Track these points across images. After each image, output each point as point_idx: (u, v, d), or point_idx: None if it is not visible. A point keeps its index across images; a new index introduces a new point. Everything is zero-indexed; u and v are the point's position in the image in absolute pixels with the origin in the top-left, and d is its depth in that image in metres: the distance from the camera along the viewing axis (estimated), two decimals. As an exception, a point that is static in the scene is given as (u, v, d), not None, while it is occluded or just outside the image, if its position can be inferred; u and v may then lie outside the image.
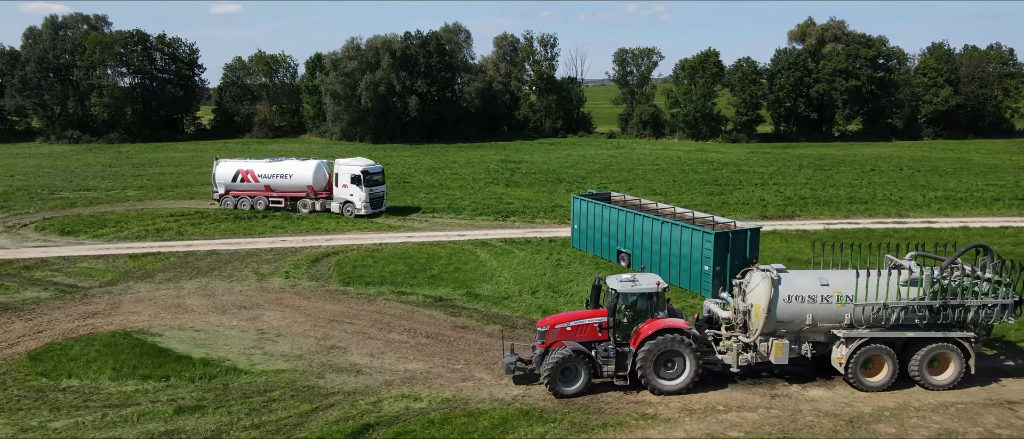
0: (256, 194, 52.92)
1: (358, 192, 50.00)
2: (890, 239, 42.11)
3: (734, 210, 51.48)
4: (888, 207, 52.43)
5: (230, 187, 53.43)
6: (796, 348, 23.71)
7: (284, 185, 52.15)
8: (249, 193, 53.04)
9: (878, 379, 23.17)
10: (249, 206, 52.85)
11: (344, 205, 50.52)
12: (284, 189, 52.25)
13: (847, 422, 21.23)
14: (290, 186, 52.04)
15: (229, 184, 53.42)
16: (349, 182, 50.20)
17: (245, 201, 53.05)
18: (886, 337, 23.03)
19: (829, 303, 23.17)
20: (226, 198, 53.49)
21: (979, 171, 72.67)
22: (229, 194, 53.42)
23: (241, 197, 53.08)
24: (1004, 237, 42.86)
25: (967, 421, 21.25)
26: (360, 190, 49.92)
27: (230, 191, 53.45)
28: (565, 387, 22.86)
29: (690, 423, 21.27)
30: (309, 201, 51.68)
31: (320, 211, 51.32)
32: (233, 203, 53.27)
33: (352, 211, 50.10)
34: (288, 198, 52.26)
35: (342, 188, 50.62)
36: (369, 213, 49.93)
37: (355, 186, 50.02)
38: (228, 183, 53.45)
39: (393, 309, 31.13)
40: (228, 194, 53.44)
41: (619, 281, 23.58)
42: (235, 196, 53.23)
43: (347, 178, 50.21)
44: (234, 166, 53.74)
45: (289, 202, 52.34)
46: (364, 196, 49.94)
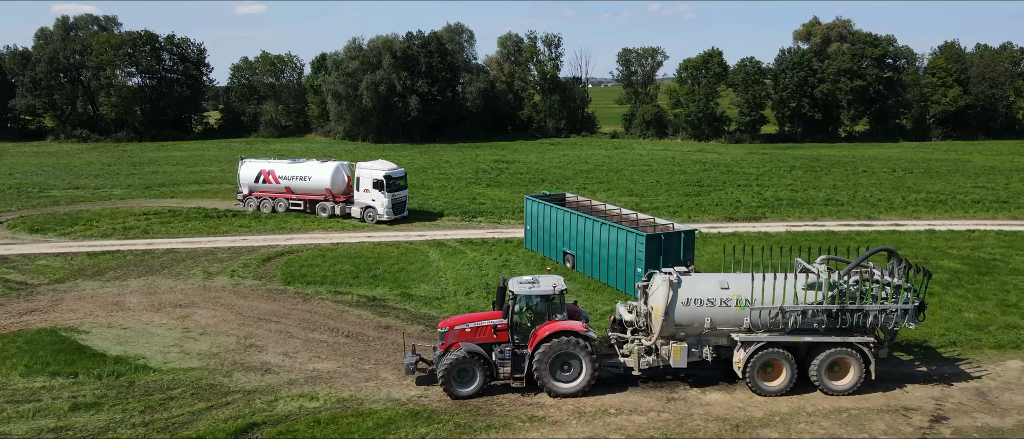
0: (277, 196, 51.79)
1: (380, 197, 48.27)
2: (851, 242, 41.82)
3: (704, 211, 51.28)
4: (862, 209, 51.95)
5: (253, 188, 52.37)
6: (696, 351, 23.61)
7: (303, 187, 50.97)
8: (271, 194, 51.93)
9: (776, 384, 23.03)
10: (271, 208, 51.85)
11: (365, 210, 48.88)
12: (303, 191, 51.07)
13: (734, 426, 21.13)
14: (309, 189, 50.85)
15: (252, 184, 52.38)
16: (371, 187, 48.42)
17: (267, 202, 51.99)
18: (784, 341, 22.89)
19: (728, 307, 23.07)
20: (249, 199, 52.61)
21: (974, 173, 71.71)
22: (252, 195, 52.48)
23: (263, 198, 52.07)
24: (968, 241, 42.38)
25: (855, 427, 21.08)
26: (383, 195, 48.17)
27: (253, 192, 52.43)
28: (461, 388, 22.94)
29: (576, 426, 21.27)
30: (328, 204, 50.26)
31: (339, 216, 50.03)
32: (255, 204, 52.32)
33: (374, 217, 48.38)
34: (307, 201, 51.14)
35: (363, 193, 48.89)
36: (391, 219, 48.30)
37: (377, 191, 48.28)
38: (251, 184, 52.40)
39: (325, 309, 31.34)
40: (251, 195, 52.51)
41: (518, 283, 23.62)
42: (258, 197, 52.27)
43: (369, 182, 48.47)
44: (257, 166, 52.61)
45: (308, 205, 51.17)
46: (387, 202, 48.17)
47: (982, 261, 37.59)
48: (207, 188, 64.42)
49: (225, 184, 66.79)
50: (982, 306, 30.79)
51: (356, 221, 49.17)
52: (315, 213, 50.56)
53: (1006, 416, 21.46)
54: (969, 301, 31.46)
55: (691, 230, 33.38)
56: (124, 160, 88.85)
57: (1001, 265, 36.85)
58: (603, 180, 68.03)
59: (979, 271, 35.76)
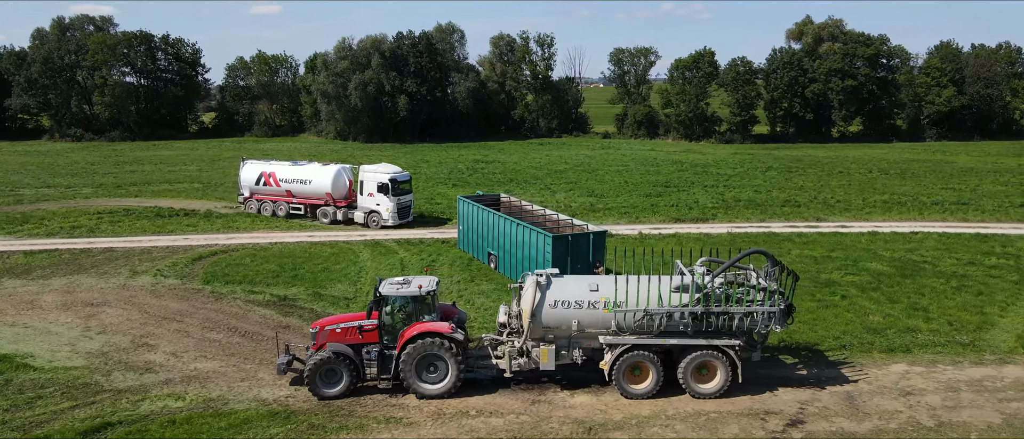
0: (278, 199, 50.02)
1: (385, 201, 46.48)
2: (788, 244, 41.68)
3: (656, 212, 51.15)
4: (817, 211, 51.52)
5: (254, 190, 50.70)
6: (566, 354, 23.52)
7: (304, 191, 49.22)
8: (271, 197, 50.21)
9: (643, 386, 22.92)
10: (271, 211, 50.27)
11: (369, 215, 47.13)
12: (304, 195, 49.28)
13: (587, 429, 21.06)
14: (309, 192, 49.11)
15: (253, 187, 50.67)
16: (375, 190, 46.58)
17: (268, 206, 50.33)
18: (650, 344, 22.76)
19: (596, 309, 22.97)
20: (250, 202, 51.00)
21: (950, 174, 71.01)
22: (253, 198, 50.85)
23: (264, 201, 50.40)
24: (908, 243, 42.06)
25: (709, 430, 20.96)
26: (388, 199, 46.46)
27: (254, 194, 50.78)
28: (327, 389, 22.98)
29: (431, 427, 21.27)
30: (329, 209, 48.52)
31: (342, 221, 48.28)
32: (256, 207, 50.75)
33: (378, 222, 46.81)
34: (308, 205, 49.29)
35: (367, 197, 47.13)
36: (396, 223, 46.69)
37: (382, 195, 46.51)
38: (252, 186, 50.69)
39: (232, 308, 31.48)
40: (252, 198, 50.89)
41: (388, 284, 23.65)
42: (259, 200, 50.63)
43: (373, 186, 46.64)
44: (258, 168, 50.82)
45: (309, 210, 49.33)
46: (392, 206, 46.42)
47: (910, 263, 37.22)
48: (177, 187, 64.87)
49: (195, 183, 67.29)
50: (890, 309, 30.49)
51: (360, 226, 47.53)
52: (316, 218, 49.00)
53: (865, 421, 21.24)
54: (879, 304, 31.16)
55: (601, 232, 33.26)
56: (109, 159, 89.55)
57: (928, 267, 36.47)
58: (572, 180, 67.89)
59: (903, 274, 35.41)
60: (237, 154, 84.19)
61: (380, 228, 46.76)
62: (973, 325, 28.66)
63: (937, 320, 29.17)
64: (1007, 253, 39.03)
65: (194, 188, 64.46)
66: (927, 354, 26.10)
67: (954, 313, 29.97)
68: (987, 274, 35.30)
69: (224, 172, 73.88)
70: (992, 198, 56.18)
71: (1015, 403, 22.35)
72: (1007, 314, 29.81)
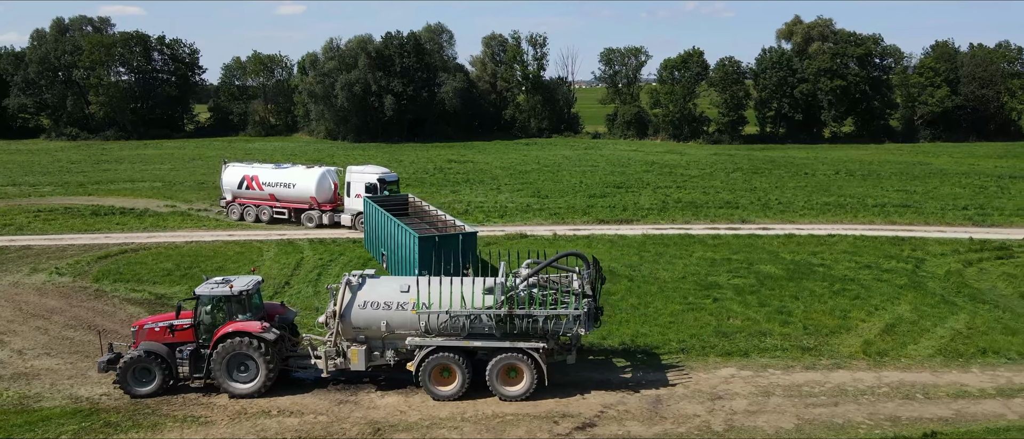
0: (261, 203, 48.35)
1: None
2: (700, 246, 41.46)
3: (586, 214, 51.04)
4: (754, 212, 51.13)
5: (236, 194, 49.07)
6: (378, 354, 23.59)
7: (287, 195, 47.68)
8: (254, 201, 48.59)
9: (450, 388, 22.94)
10: (254, 216, 48.65)
11: (356, 217, 44.98)
12: (288, 199, 47.69)
13: (376, 430, 21.13)
14: (293, 196, 47.56)
15: (235, 190, 49.07)
16: (363, 192, 44.63)
17: (251, 210, 48.74)
18: (455, 346, 22.77)
19: (405, 310, 23.03)
20: (232, 206, 49.31)
21: (918, 176, 70.05)
22: (235, 202, 49.22)
23: (247, 205, 48.77)
24: (819, 245, 41.55)
25: (496, 432, 20.97)
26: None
27: (237, 198, 49.16)
28: (139, 388, 23.22)
29: (225, 427, 21.45)
30: (314, 213, 46.93)
31: (328, 225, 46.78)
32: (239, 212, 49.08)
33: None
34: (292, 209, 47.72)
35: (355, 198, 45.29)
36: None
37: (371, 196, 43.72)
38: (235, 189, 49.07)
39: (106, 307, 31.90)
40: (235, 202, 49.26)
41: (205, 284, 23.87)
42: (241, 204, 48.93)
43: (361, 187, 45.07)
44: (240, 171, 49.13)
45: (293, 214, 47.72)
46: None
47: (804, 266, 36.83)
48: (139, 186, 65.74)
49: (157, 183, 68.06)
50: (755, 313, 30.20)
51: (347, 229, 46.19)
52: (300, 223, 47.42)
53: (657, 425, 21.12)
54: (748, 307, 30.86)
55: (471, 232, 33.30)
56: (92, 158, 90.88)
57: (821, 271, 36.06)
58: (529, 181, 67.87)
59: (791, 277, 35.04)
60: (225, 154, 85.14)
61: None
62: (828, 329, 28.30)
63: (795, 324, 28.83)
64: (912, 257, 38.47)
65: (154, 187, 65.23)
66: (764, 358, 25.82)
67: (817, 317, 29.61)
68: (876, 278, 34.81)
69: (193, 172, 74.82)
70: (940, 200, 55.35)
71: (820, 408, 22.07)
72: (871, 319, 29.41)
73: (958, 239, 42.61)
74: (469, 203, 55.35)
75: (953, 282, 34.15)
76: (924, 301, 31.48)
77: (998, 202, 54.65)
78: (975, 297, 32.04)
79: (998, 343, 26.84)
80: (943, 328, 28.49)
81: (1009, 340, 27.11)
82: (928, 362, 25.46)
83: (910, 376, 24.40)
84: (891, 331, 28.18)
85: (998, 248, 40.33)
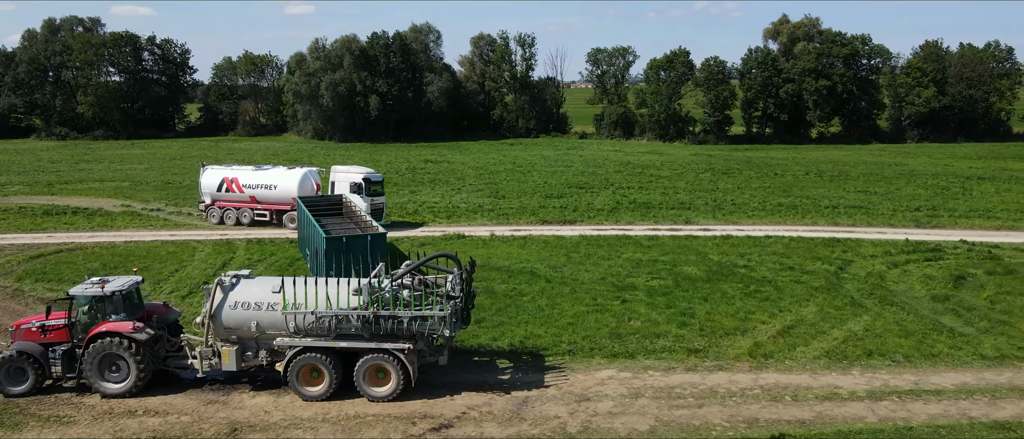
0: (242, 205, 47.66)
1: (359, 202, 43.60)
2: (634, 246, 41.43)
3: (535, 214, 51.08)
4: (704, 213, 51.03)
5: (216, 197, 48.26)
6: (251, 355, 23.69)
7: (269, 197, 46.93)
8: (234, 204, 47.80)
9: (318, 389, 23.02)
10: (235, 219, 47.77)
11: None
12: (269, 201, 46.99)
13: (232, 430, 21.22)
14: (274, 198, 46.81)
15: (215, 193, 48.24)
16: (348, 192, 44.63)
17: (231, 213, 47.81)
18: (321, 346, 22.84)
19: (275, 311, 23.10)
20: (212, 209, 48.40)
21: (886, 177, 69.78)
22: (215, 205, 48.33)
23: (227, 208, 47.86)
24: (752, 247, 41.30)
25: (350, 433, 21.04)
26: (362, 201, 44.01)
27: (216, 201, 48.30)
28: (12, 387, 23.39)
29: (85, 426, 21.60)
30: (297, 214, 44.53)
31: None
32: (219, 215, 48.09)
33: None
34: (273, 211, 47.07)
35: None
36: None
37: (356, 196, 44.34)
38: (214, 192, 48.23)
39: (16, 306, 32.00)
40: (214, 205, 48.35)
41: (82, 284, 24.05)
42: (221, 207, 47.99)
43: (346, 187, 45.01)
44: (220, 174, 48.29)
45: (275, 215, 47.08)
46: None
47: (726, 267, 36.72)
48: (105, 186, 66.19)
49: (124, 182, 68.48)
50: (658, 314, 30.14)
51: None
52: (282, 224, 46.77)
53: (512, 427, 21.15)
54: (654, 309, 30.81)
55: (380, 234, 33.41)
56: (73, 158, 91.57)
57: (742, 272, 35.93)
58: (494, 181, 68.00)
59: (709, 278, 34.96)
60: (209, 154, 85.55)
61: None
62: (724, 331, 28.22)
63: (693, 326, 28.76)
64: (840, 259, 38.29)
65: (120, 187, 65.64)
66: (649, 360, 25.76)
67: (718, 319, 29.52)
68: (795, 280, 34.68)
69: (166, 172, 75.32)
70: (896, 202, 55.09)
71: (682, 410, 22.03)
72: (773, 321, 29.32)
73: (895, 241, 42.39)
74: (421, 203, 55.48)
75: (870, 284, 33.98)
76: (833, 303, 31.33)
77: (953, 204, 54.31)
78: (886, 299, 31.87)
79: (888, 345, 26.70)
80: (841, 330, 28.35)
81: (900, 342, 26.95)
82: (811, 364, 25.34)
83: (787, 378, 24.31)
84: (787, 333, 28.06)
85: (931, 250, 40.08)
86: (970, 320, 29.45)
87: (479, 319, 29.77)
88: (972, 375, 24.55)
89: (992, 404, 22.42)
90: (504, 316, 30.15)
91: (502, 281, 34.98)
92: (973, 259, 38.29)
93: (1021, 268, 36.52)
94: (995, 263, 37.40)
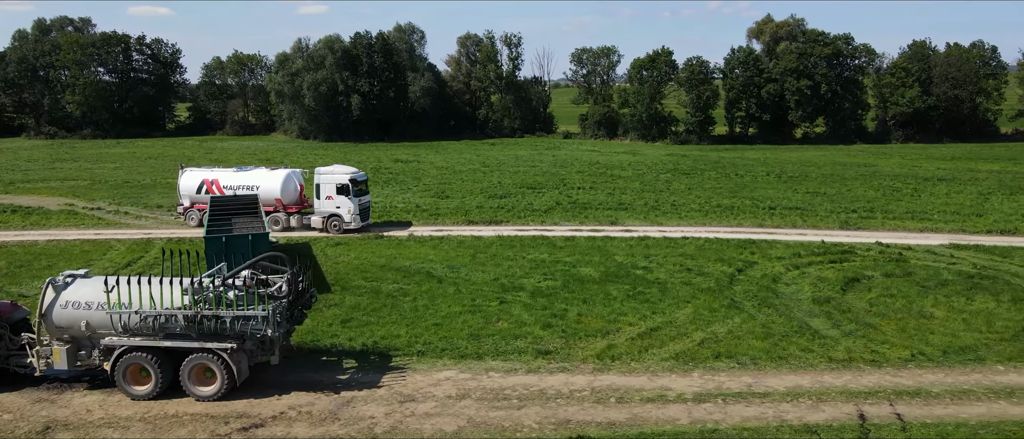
0: None
1: (346, 203, 44.60)
2: (547, 247, 41.44)
3: (478, 213, 51.09)
4: (639, 214, 50.85)
5: (195, 199, 47.43)
6: (84, 354, 23.88)
7: None
8: None
9: (145, 388, 23.16)
10: None
11: (329, 219, 45.05)
12: None
13: (45, 428, 21.44)
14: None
15: (194, 196, 47.53)
16: (334, 193, 44.78)
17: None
18: (146, 346, 22.99)
19: (103, 310, 23.26)
20: (190, 212, 47.36)
21: (845, 178, 69.32)
22: (194, 207, 47.37)
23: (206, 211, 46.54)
24: (661, 249, 41.13)
25: (159, 432, 21.16)
26: (349, 201, 44.65)
27: (195, 204, 47.38)
28: None
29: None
30: (281, 216, 45.59)
31: (296, 227, 45.74)
32: (197, 219, 46.64)
33: (339, 226, 44.91)
34: None
35: (326, 200, 45.12)
36: (358, 226, 45.06)
37: (343, 197, 44.74)
38: (193, 195, 47.55)
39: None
40: (193, 207, 47.43)
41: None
42: (200, 209, 46.38)
43: (332, 189, 44.89)
44: (199, 176, 47.78)
45: None
46: (354, 207, 44.53)
47: (624, 269, 36.62)
48: (65, 185, 66.82)
49: (85, 181, 69.06)
50: (531, 315, 30.10)
51: (317, 232, 45.44)
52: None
53: (323, 427, 21.21)
54: (530, 310, 30.77)
55: (262, 234, 33.49)
56: (53, 157, 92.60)
57: (639, 274, 35.80)
58: (451, 181, 68.11)
59: (603, 279, 34.89)
60: (193, 154, 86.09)
61: (341, 232, 44.96)
62: (587, 333, 28.16)
63: (556, 328, 28.70)
64: (744, 260, 38.09)
65: (76, 186, 66.20)
66: (497, 361, 25.71)
67: (589, 321, 29.46)
68: (686, 282, 34.53)
69: (132, 171, 75.96)
70: (838, 203, 54.75)
71: (500, 412, 22.02)
72: (643, 322, 29.22)
73: (811, 242, 42.12)
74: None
75: (759, 286, 33.78)
76: (710, 305, 31.17)
77: (895, 205, 53.87)
78: (766, 301, 31.68)
79: (741, 348, 26.55)
80: (704, 332, 28.22)
81: (756, 345, 26.80)
82: (656, 366, 25.23)
83: (624, 380, 24.22)
84: (648, 335, 27.96)
85: (842, 252, 39.83)
86: (840, 322, 29.19)
87: (348, 319, 29.93)
88: (810, 377, 24.33)
89: (813, 407, 22.21)
90: (375, 316, 30.20)
91: (393, 281, 35.05)
92: (878, 261, 37.92)
93: (920, 270, 36.15)
94: (897, 265, 37.04)
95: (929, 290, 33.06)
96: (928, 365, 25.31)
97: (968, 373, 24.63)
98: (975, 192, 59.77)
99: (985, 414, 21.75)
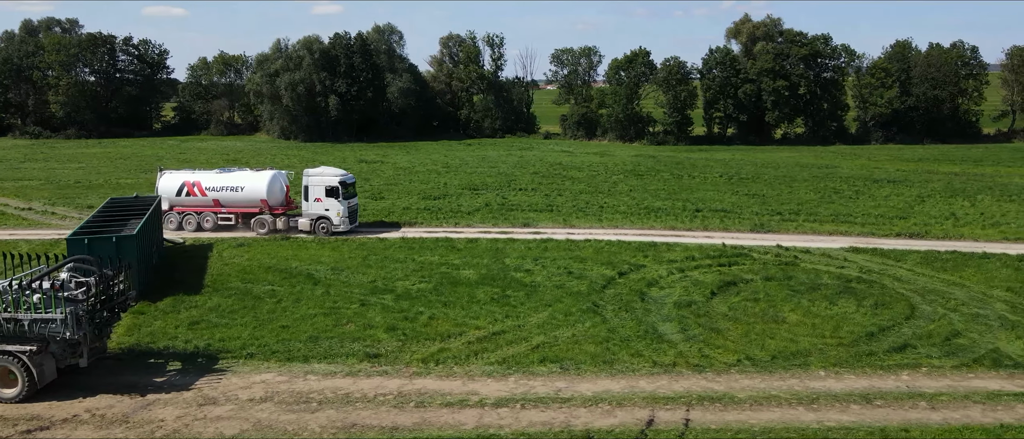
0: (203, 210, 46.11)
1: (336, 206, 44.40)
2: (444, 251, 41.38)
3: (407, 215, 51.07)
4: (566, 216, 50.68)
5: (175, 202, 46.41)
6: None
7: (235, 199, 45.84)
8: (196, 208, 46.15)
9: (-52, 391, 23.30)
10: (195, 224, 46.09)
11: (317, 221, 44.69)
12: (235, 204, 45.90)
13: None
14: (241, 200, 45.80)
15: (173, 199, 46.37)
16: (323, 195, 44.55)
17: (192, 218, 46.09)
18: (-51, 347, 23.12)
19: (-89, 309, 23.43)
20: (169, 215, 46.17)
21: (795, 179, 68.77)
22: (174, 210, 46.35)
23: (187, 213, 46.16)
24: (564, 251, 40.94)
25: (-62, 434, 21.24)
26: (338, 203, 44.47)
27: (174, 207, 46.39)
28: None
29: None
30: (267, 218, 45.17)
31: (282, 230, 45.16)
32: (178, 221, 46.28)
33: (328, 228, 44.54)
34: (239, 214, 45.94)
35: (314, 202, 44.84)
36: (347, 230, 44.92)
37: (332, 199, 44.51)
38: (173, 198, 46.35)
39: None
40: (173, 210, 46.36)
41: None
42: (180, 212, 46.20)
43: (321, 191, 44.61)
44: (179, 178, 46.84)
45: (240, 219, 45.90)
46: (343, 210, 44.39)
47: (505, 270, 36.54)
48: (30, 184, 67.24)
49: (49, 183, 69.50)
50: (383, 317, 30.09)
51: (304, 235, 45.06)
52: (251, 228, 45.53)
53: (108, 430, 21.28)
54: (386, 312, 30.74)
55: (128, 236, 33.60)
56: (26, 157, 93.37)
57: (516, 276, 35.67)
58: (394, 182, 68.15)
59: (479, 282, 34.66)
60: (170, 155, 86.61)
61: (329, 234, 44.72)
62: (427, 337, 28.12)
63: (401, 330, 28.69)
64: (634, 263, 37.82)
65: (25, 186, 66.65)
66: (322, 364, 25.71)
67: (438, 324, 29.38)
68: (560, 285, 34.37)
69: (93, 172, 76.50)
70: (771, 205, 54.48)
71: (292, 414, 22.05)
72: (491, 326, 29.13)
73: (711, 245, 41.86)
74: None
75: (632, 290, 33.53)
76: (569, 309, 30.97)
77: (823, 208, 53.39)
78: (628, 305, 31.48)
79: (572, 353, 26.38)
80: (547, 336, 28.07)
81: (588, 349, 26.63)
82: (477, 370, 25.14)
83: (437, 384, 24.15)
84: (487, 339, 27.85)
85: (736, 255, 39.56)
86: (688, 327, 28.94)
87: (198, 321, 30.00)
88: (624, 382, 24.18)
89: (608, 413, 22.06)
90: (228, 318, 30.25)
91: (270, 283, 35.13)
92: (768, 265, 37.58)
93: (802, 274, 35.82)
94: (783, 269, 36.72)
95: (798, 294, 32.71)
96: (750, 371, 25.03)
97: (784, 379, 24.34)
98: (915, 195, 59.07)
99: (775, 420, 21.50)
